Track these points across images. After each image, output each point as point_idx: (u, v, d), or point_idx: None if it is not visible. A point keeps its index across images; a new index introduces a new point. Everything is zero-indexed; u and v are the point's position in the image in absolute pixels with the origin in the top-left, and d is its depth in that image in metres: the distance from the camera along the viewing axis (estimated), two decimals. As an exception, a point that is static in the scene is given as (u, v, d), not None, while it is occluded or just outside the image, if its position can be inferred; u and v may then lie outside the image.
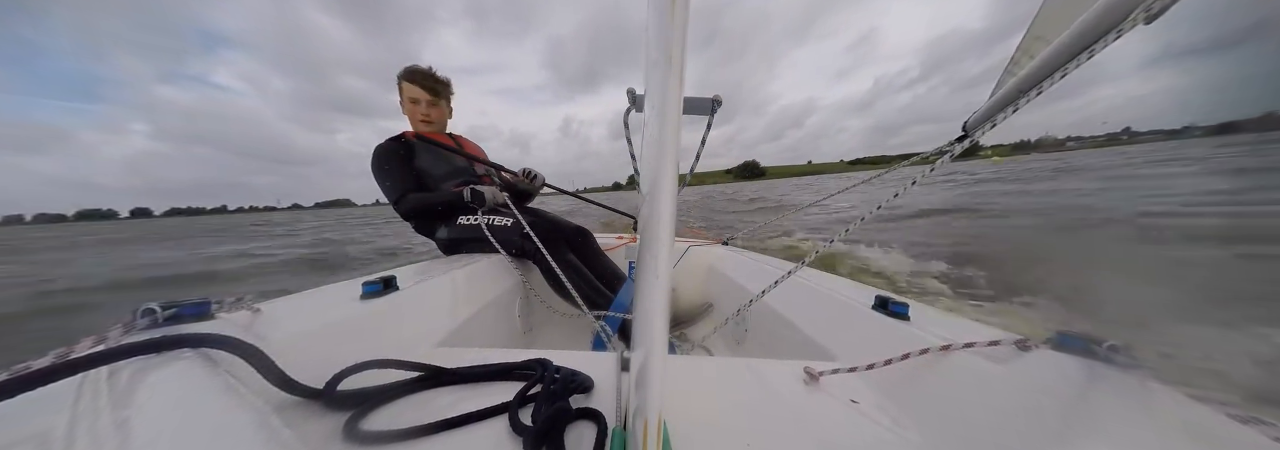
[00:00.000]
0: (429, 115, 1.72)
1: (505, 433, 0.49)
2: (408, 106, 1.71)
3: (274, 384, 0.50)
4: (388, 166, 1.63)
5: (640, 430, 0.31)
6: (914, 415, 0.59)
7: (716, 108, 1.10)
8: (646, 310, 0.34)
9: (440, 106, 1.75)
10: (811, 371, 0.69)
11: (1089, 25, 0.51)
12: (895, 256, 4.27)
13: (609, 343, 1.05)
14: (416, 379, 0.61)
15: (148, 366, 0.45)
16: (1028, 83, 0.63)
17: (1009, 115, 0.66)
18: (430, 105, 1.71)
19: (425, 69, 1.68)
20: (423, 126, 1.75)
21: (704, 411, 0.58)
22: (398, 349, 0.70)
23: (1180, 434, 0.41)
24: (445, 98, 1.76)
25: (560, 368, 0.63)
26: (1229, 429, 0.41)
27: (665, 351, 0.32)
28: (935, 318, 0.82)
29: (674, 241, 0.31)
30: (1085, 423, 0.45)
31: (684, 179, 1.38)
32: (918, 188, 0.72)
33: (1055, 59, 0.58)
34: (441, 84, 1.72)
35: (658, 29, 0.30)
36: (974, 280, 3.38)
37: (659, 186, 0.28)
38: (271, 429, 0.39)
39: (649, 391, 0.32)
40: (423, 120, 1.73)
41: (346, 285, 0.99)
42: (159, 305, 0.60)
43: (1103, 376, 0.50)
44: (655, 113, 0.30)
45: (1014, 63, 0.79)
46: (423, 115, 1.72)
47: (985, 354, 0.60)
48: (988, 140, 0.74)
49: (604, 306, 1.39)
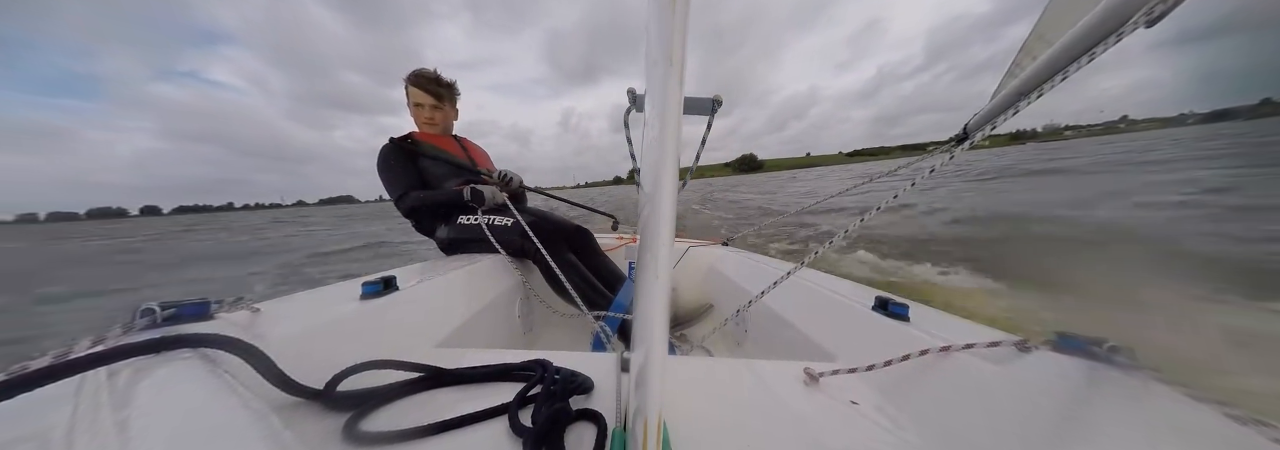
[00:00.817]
0: (433, 118, 1.78)
1: (505, 433, 0.49)
2: (414, 110, 1.76)
3: (273, 384, 0.50)
4: (391, 165, 1.67)
5: (640, 431, 0.31)
6: (914, 416, 0.59)
7: (716, 108, 1.10)
8: (646, 310, 0.34)
9: (445, 109, 1.79)
10: (811, 372, 0.69)
11: (1090, 27, 0.51)
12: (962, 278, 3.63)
13: (609, 343, 1.05)
14: (416, 379, 0.61)
15: (147, 367, 0.45)
16: (1029, 85, 0.63)
17: (1009, 117, 0.66)
18: (434, 108, 1.76)
19: (431, 73, 1.72)
20: (428, 128, 1.80)
21: (704, 412, 0.58)
22: (397, 349, 0.70)
23: (1180, 435, 0.41)
24: (450, 100, 1.81)
25: (560, 368, 0.63)
26: (1229, 430, 0.41)
27: (665, 352, 0.32)
28: (935, 319, 0.82)
29: (674, 241, 0.31)
30: (1085, 424, 0.45)
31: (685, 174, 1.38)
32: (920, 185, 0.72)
33: (1056, 61, 0.58)
34: (446, 87, 1.77)
35: (658, 29, 0.30)
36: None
37: (659, 187, 0.28)
38: (271, 429, 0.39)
39: (649, 392, 0.32)
40: (427, 122, 1.78)
41: (346, 285, 0.99)
42: (158, 305, 0.60)
43: (1103, 378, 0.50)
44: (656, 113, 0.30)
45: (1016, 64, 0.79)
46: (427, 118, 1.77)
47: (985, 355, 0.60)
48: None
49: (604, 307, 1.39)
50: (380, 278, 0.98)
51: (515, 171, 1.87)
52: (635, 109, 1.08)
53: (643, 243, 0.41)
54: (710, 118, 1.14)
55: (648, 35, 0.36)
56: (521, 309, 1.50)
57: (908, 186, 0.74)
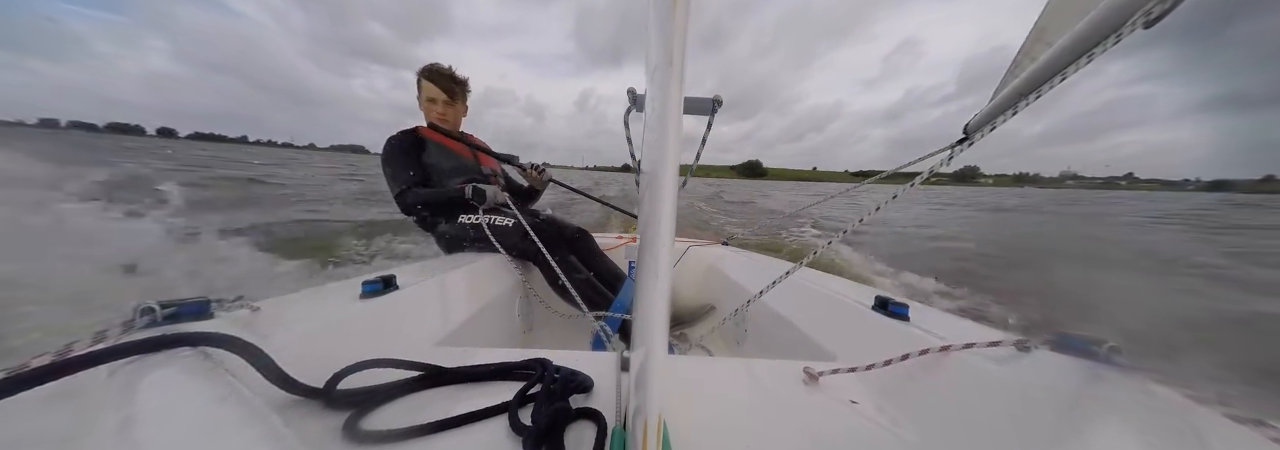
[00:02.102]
0: (445, 114, 1.78)
1: (505, 432, 0.49)
2: (425, 104, 1.77)
3: (274, 383, 0.50)
4: (397, 158, 1.68)
5: (640, 430, 0.31)
6: (913, 416, 0.59)
7: (717, 108, 1.10)
8: (646, 310, 0.34)
9: (456, 105, 1.80)
10: (811, 372, 0.69)
11: (1090, 28, 0.52)
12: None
13: (609, 343, 1.05)
14: (416, 378, 0.61)
15: (147, 365, 0.45)
16: (1028, 86, 0.63)
17: (1008, 118, 0.66)
18: (447, 104, 1.76)
19: (445, 69, 1.73)
20: (438, 124, 1.81)
21: (704, 411, 0.58)
22: (397, 348, 0.70)
23: (1179, 435, 0.41)
24: (462, 97, 1.82)
25: (560, 367, 0.63)
26: (1228, 430, 0.41)
27: (665, 351, 0.32)
28: (935, 318, 0.83)
29: (674, 241, 0.31)
30: (1085, 424, 0.45)
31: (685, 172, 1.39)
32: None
33: (1055, 62, 0.58)
34: (459, 84, 1.77)
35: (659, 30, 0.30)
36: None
37: (659, 186, 0.28)
38: (271, 428, 0.39)
39: (649, 391, 0.32)
40: (439, 118, 1.79)
41: (346, 284, 0.99)
42: (158, 304, 0.60)
43: (1102, 378, 0.50)
44: (656, 113, 0.30)
45: (1016, 65, 0.79)
46: (439, 113, 1.78)
47: (985, 355, 0.60)
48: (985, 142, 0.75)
49: (604, 307, 1.39)
50: (380, 277, 0.98)
51: (534, 162, 1.91)
52: (636, 109, 1.08)
53: (643, 242, 0.41)
54: (710, 118, 1.14)
55: (649, 36, 0.36)
56: (521, 309, 1.50)
57: (907, 186, 0.75)
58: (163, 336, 0.47)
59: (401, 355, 0.62)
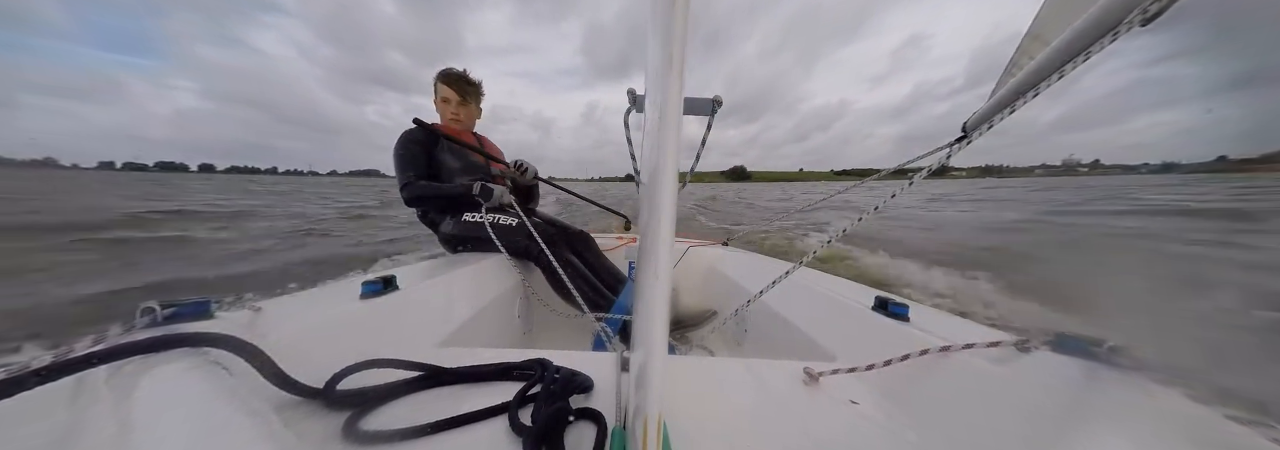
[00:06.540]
0: (458, 114, 1.84)
1: (505, 432, 0.49)
2: (440, 105, 1.83)
3: (274, 383, 0.50)
4: (407, 150, 1.71)
5: (640, 430, 0.31)
6: (914, 416, 0.59)
7: (716, 108, 1.10)
8: (646, 310, 0.34)
9: (470, 107, 1.86)
10: (811, 372, 0.69)
11: (1087, 26, 0.52)
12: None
13: (609, 343, 1.05)
14: (416, 379, 0.61)
15: (147, 366, 0.45)
16: (1026, 84, 0.63)
17: (1006, 116, 0.66)
18: (460, 105, 1.83)
19: (460, 72, 1.81)
20: (452, 124, 1.87)
21: (704, 411, 0.58)
22: (397, 348, 0.70)
23: (1180, 436, 0.41)
24: (475, 99, 1.88)
25: (560, 368, 0.63)
26: (1228, 430, 0.41)
27: (665, 351, 0.32)
28: (935, 318, 0.83)
29: (674, 242, 0.31)
30: (1085, 424, 0.45)
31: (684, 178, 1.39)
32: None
33: (1053, 60, 0.58)
34: (473, 86, 1.84)
35: (658, 30, 0.30)
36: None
37: (659, 187, 0.28)
38: (271, 428, 0.39)
39: (649, 391, 0.32)
40: (452, 118, 1.85)
41: (346, 284, 0.99)
42: (158, 304, 0.60)
43: (1103, 378, 0.50)
44: (656, 113, 0.31)
45: (1013, 64, 0.79)
46: (453, 114, 1.84)
47: (985, 355, 0.60)
48: (987, 143, 0.75)
49: (604, 308, 1.39)
50: (380, 277, 0.98)
51: (530, 162, 1.92)
52: (635, 110, 1.08)
53: (643, 243, 0.41)
54: (710, 118, 1.14)
55: (649, 37, 0.36)
56: (522, 309, 1.50)
57: (906, 186, 0.75)
58: (163, 337, 0.47)
59: (401, 356, 0.62)
